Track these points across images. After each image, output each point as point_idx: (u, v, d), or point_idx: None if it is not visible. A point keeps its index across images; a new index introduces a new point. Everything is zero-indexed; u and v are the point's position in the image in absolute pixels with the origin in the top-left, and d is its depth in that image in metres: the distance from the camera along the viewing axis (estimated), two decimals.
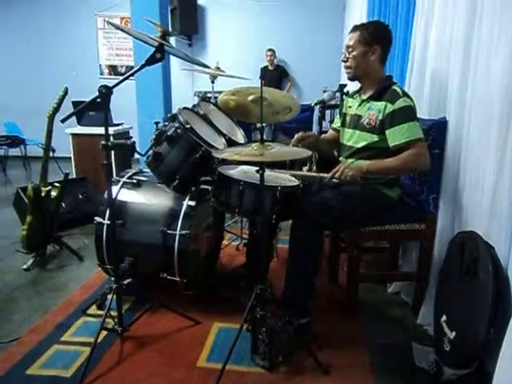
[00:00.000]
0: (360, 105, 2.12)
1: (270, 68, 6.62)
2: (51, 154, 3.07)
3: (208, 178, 2.14)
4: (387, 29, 2.08)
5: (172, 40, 6.54)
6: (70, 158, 4.14)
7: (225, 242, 2.92)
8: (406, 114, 1.92)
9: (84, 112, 4.03)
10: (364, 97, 2.11)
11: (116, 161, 3.74)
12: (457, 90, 1.92)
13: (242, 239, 3.05)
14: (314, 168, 2.29)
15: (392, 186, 2.08)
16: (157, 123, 2.19)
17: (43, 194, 2.78)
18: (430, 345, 1.89)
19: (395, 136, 1.92)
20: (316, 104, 2.58)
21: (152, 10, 4.04)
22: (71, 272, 2.75)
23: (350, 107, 2.21)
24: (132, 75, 1.81)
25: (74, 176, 4.01)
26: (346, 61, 2.07)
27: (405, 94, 1.97)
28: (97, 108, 3.62)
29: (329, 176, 1.89)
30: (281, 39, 6.63)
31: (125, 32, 2.16)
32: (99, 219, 2.18)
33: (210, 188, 2.08)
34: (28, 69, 6.84)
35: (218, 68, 3.28)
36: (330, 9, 6.45)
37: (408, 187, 2.26)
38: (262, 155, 1.61)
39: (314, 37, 6.57)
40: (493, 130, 1.60)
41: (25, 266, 2.73)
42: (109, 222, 2.09)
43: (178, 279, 2.13)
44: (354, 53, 2.02)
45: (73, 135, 4.09)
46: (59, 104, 2.69)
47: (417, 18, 2.43)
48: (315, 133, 2.50)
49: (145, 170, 2.39)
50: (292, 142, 2.18)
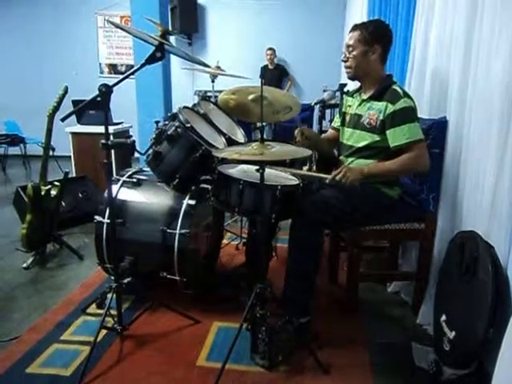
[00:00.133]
0: (360, 104, 2.12)
1: (270, 67, 6.60)
2: (51, 153, 3.08)
3: (208, 177, 2.14)
4: (387, 28, 2.08)
5: (172, 39, 6.53)
6: (70, 157, 4.15)
7: (224, 241, 2.93)
8: (407, 115, 1.92)
9: (84, 111, 4.03)
10: (364, 96, 2.10)
11: (116, 160, 3.73)
12: (457, 89, 1.92)
13: (242, 238, 3.05)
14: (314, 167, 2.29)
15: (392, 186, 2.08)
16: (157, 122, 2.19)
17: (43, 193, 2.78)
18: (430, 344, 1.89)
19: (396, 136, 1.93)
20: (316, 103, 2.57)
21: (152, 9, 4.03)
22: (71, 271, 2.75)
23: (350, 106, 2.21)
24: (132, 74, 1.80)
25: (74, 175, 4.00)
26: (346, 60, 2.07)
27: (405, 95, 1.97)
28: (97, 107, 3.59)
29: (330, 178, 1.89)
30: (281, 38, 6.62)
31: (125, 31, 2.15)
32: (99, 218, 2.18)
33: (210, 187, 2.08)
34: (28, 67, 6.83)
35: (219, 67, 3.28)
36: (331, 8, 6.44)
37: (408, 186, 2.26)
38: (262, 154, 1.61)
39: (315, 36, 6.56)
40: (493, 130, 1.60)
41: (25, 265, 2.73)
42: (109, 221, 2.09)
43: (178, 278, 2.13)
44: (354, 52, 2.02)
45: (73, 134, 4.09)
46: (59, 103, 2.70)
47: (417, 17, 2.43)
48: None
49: (145, 169, 2.39)
50: (296, 132, 2.18)
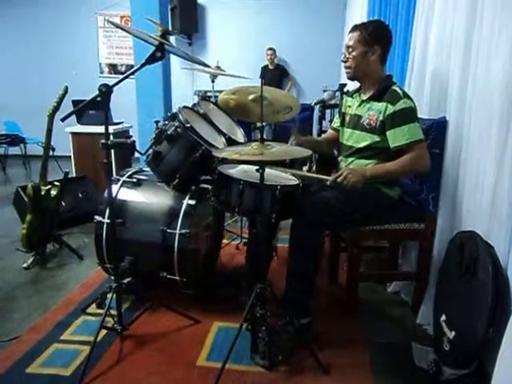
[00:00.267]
0: (360, 105, 2.12)
1: (271, 67, 6.60)
2: (51, 153, 3.07)
3: (208, 177, 2.14)
4: (387, 28, 2.08)
5: (172, 39, 6.53)
6: (70, 157, 4.15)
7: (225, 241, 2.93)
8: (407, 116, 1.92)
9: (84, 111, 4.03)
10: (364, 97, 2.10)
11: (116, 160, 3.74)
12: (457, 89, 1.92)
13: (242, 238, 3.05)
14: (314, 167, 2.29)
15: (392, 186, 2.08)
16: (157, 122, 2.19)
17: (43, 193, 2.78)
18: (430, 344, 1.89)
19: (396, 137, 1.93)
20: (316, 103, 2.58)
21: (152, 9, 4.03)
22: (71, 271, 2.75)
23: (350, 107, 2.21)
24: (132, 74, 1.80)
25: (74, 175, 4.01)
26: (346, 61, 2.07)
27: (405, 95, 1.97)
28: (97, 107, 3.59)
29: (331, 179, 1.88)
30: (281, 38, 6.62)
31: (125, 31, 2.15)
32: (99, 218, 2.18)
33: (210, 187, 2.08)
34: (28, 67, 6.83)
35: (219, 67, 3.28)
36: (331, 8, 6.44)
37: (408, 186, 2.26)
38: (262, 154, 1.61)
39: (315, 36, 6.55)
40: (493, 130, 1.60)
41: (25, 265, 2.73)
42: (109, 221, 2.10)
43: (178, 278, 2.13)
44: (354, 53, 2.02)
45: (73, 134, 4.09)
46: (59, 103, 2.70)
47: (417, 17, 2.43)
48: (315, 135, 2.50)
49: (145, 169, 2.39)
50: (291, 140, 2.18)
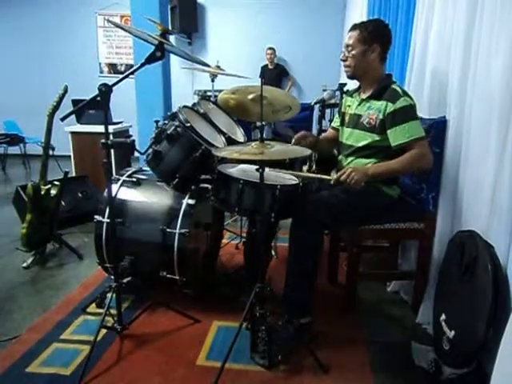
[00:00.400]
0: (359, 104, 2.12)
1: (270, 67, 6.60)
2: (51, 153, 3.07)
3: (208, 177, 2.14)
4: (387, 27, 2.07)
5: (172, 38, 6.53)
6: (70, 157, 4.14)
7: (224, 241, 2.93)
8: (407, 113, 1.92)
9: (84, 110, 4.03)
10: (363, 96, 2.10)
11: (116, 159, 3.74)
12: (457, 88, 1.92)
13: (242, 238, 3.05)
14: (314, 167, 2.29)
15: (391, 185, 2.08)
16: (157, 121, 2.18)
17: (43, 193, 2.77)
18: (429, 344, 1.89)
19: (397, 135, 1.92)
20: (316, 103, 2.57)
21: (152, 9, 4.04)
22: (71, 270, 2.75)
23: (349, 106, 2.21)
24: (132, 73, 1.80)
25: (74, 174, 4.01)
26: (346, 60, 2.07)
27: (405, 93, 1.96)
28: (96, 106, 3.61)
29: (334, 178, 1.87)
30: (281, 38, 6.61)
31: (125, 30, 2.15)
32: (99, 217, 2.18)
33: (210, 186, 2.08)
34: (27, 67, 6.82)
35: (218, 67, 3.28)
36: (331, 7, 6.44)
37: (408, 186, 2.26)
38: (262, 154, 1.61)
39: (314, 35, 6.55)
40: (493, 129, 1.60)
41: (24, 264, 2.73)
42: (108, 221, 2.09)
43: (178, 278, 2.13)
44: (354, 52, 2.02)
45: (72, 133, 4.09)
46: (59, 102, 2.70)
47: (417, 16, 2.43)
48: (314, 133, 2.50)
49: (144, 169, 2.39)
50: (293, 141, 2.18)
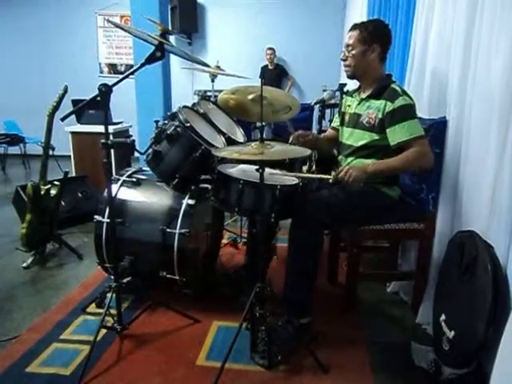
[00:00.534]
0: (359, 103, 2.12)
1: (270, 67, 6.60)
2: (51, 153, 3.07)
3: (208, 177, 2.14)
4: (387, 27, 2.08)
5: (172, 38, 6.53)
6: (70, 157, 4.14)
7: (224, 241, 2.93)
8: (407, 112, 1.92)
9: (84, 110, 4.03)
10: (363, 95, 2.11)
11: (116, 159, 3.74)
12: (457, 89, 1.92)
13: (242, 238, 3.05)
14: (314, 167, 2.29)
15: (392, 186, 2.08)
16: (156, 122, 2.18)
17: (43, 193, 2.77)
18: (429, 344, 1.89)
19: (395, 135, 1.92)
20: (316, 103, 2.57)
21: (152, 9, 4.04)
22: (71, 270, 2.75)
23: (349, 106, 2.21)
24: (132, 74, 1.80)
25: (74, 174, 4.00)
26: (346, 59, 2.07)
27: (404, 93, 1.97)
28: (96, 106, 3.59)
29: (332, 177, 1.87)
30: (281, 38, 6.61)
31: (125, 30, 2.15)
32: (99, 217, 2.18)
33: (210, 187, 2.08)
34: (27, 67, 6.82)
35: (218, 67, 3.28)
36: (330, 7, 6.44)
37: (408, 186, 2.26)
38: (262, 154, 1.61)
39: (314, 36, 6.55)
40: (493, 129, 1.60)
41: (24, 264, 2.73)
42: (108, 221, 2.10)
43: (178, 278, 2.13)
44: (354, 51, 2.02)
45: (72, 133, 4.09)
46: (59, 102, 2.70)
47: (417, 16, 2.43)
48: (315, 132, 2.50)
49: (144, 169, 2.39)
50: (291, 140, 2.18)
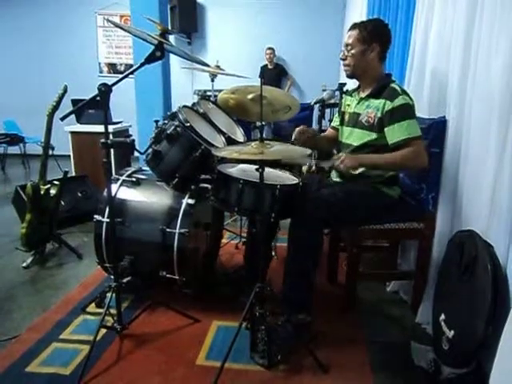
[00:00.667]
0: (358, 103, 2.12)
1: (270, 67, 6.61)
2: (50, 152, 3.07)
3: (207, 177, 2.14)
4: (386, 27, 2.08)
5: (171, 38, 6.53)
6: (70, 156, 4.14)
7: (224, 241, 2.93)
8: (405, 112, 1.92)
9: (83, 110, 4.03)
10: (362, 95, 2.11)
11: (115, 159, 3.74)
12: (457, 88, 1.92)
13: (242, 238, 3.05)
14: (314, 167, 2.29)
15: (392, 185, 2.09)
16: (156, 121, 2.18)
17: (42, 192, 2.77)
18: (429, 343, 1.89)
19: (394, 133, 1.92)
20: (315, 103, 2.57)
21: (152, 8, 4.03)
22: (70, 270, 2.75)
23: (349, 105, 2.21)
24: (132, 73, 1.80)
25: (74, 174, 4.00)
26: (345, 59, 2.07)
27: (404, 92, 1.97)
28: (96, 106, 3.61)
29: (330, 163, 1.92)
30: (280, 38, 6.61)
31: (124, 30, 2.15)
32: (98, 217, 2.17)
33: (210, 186, 2.08)
34: (27, 67, 6.82)
35: (218, 66, 3.28)
36: (330, 7, 6.44)
37: (407, 186, 2.26)
38: (262, 153, 1.61)
39: (314, 35, 6.55)
40: (492, 129, 1.60)
41: (24, 264, 2.73)
42: (108, 220, 2.10)
43: (178, 277, 2.13)
44: (353, 51, 2.02)
45: (72, 133, 4.09)
46: (58, 102, 2.69)
47: (417, 16, 2.43)
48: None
49: (144, 169, 2.39)
50: (294, 135, 2.18)
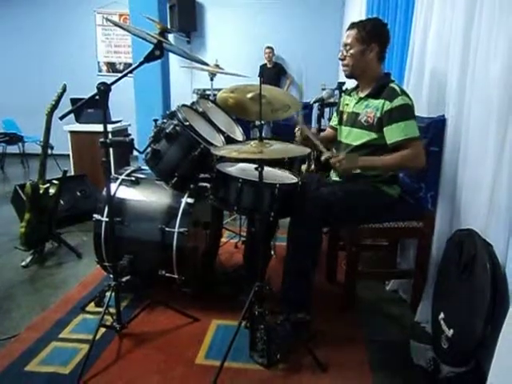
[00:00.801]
0: (357, 102, 2.12)
1: (269, 66, 6.60)
2: (49, 152, 3.07)
3: (207, 176, 2.14)
4: (385, 26, 2.07)
5: (171, 37, 6.52)
6: (69, 156, 4.14)
7: (223, 240, 2.93)
8: (404, 112, 1.92)
9: (82, 109, 4.03)
10: (361, 94, 2.11)
11: (114, 158, 3.74)
12: (456, 88, 1.92)
13: (241, 237, 3.05)
14: (313, 166, 2.29)
15: (392, 184, 2.09)
16: (155, 120, 2.18)
17: (41, 192, 2.77)
18: (428, 342, 1.89)
19: (393, 133, 1.93)
20: (315, 102, 2.57)
21: (151, 7, 4.03)
22: (69, 269, 2.74)
23: (347, 105, 2.21)
24: (131, 72, 1.80)
25: (73, 173, 4.00)
26: (344, 59, 2.07)
27: (403, 92, 1.97)
28: (95, 105, 3.61)
29: (327, 156, 1.92)
30: (279, 37, 6.61)
31: (123, 29, 2.14)
32: (98, 216, 2.17)
33: (209, 185, 2.08)
34: (26, 66, 6.81)
35: (217, 65, 3.28)
36: (329, 6, 6.44)
37: (407, 185, 2.26)
38: (261, 152, 1.61)
39: (313, 34, 6.55)
40: (491, 128, 1.60)
41: (23, 263, 2.73)
42: (107, 220, 2.10)
43: (177, 276, 2.13)
44: (352, 51, 2.02)
45: (71, 132, 4.09)
46: (57, 101, 2.69)
47: (416, 16, 2.43)
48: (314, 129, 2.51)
49: (143, 168, 2.39)
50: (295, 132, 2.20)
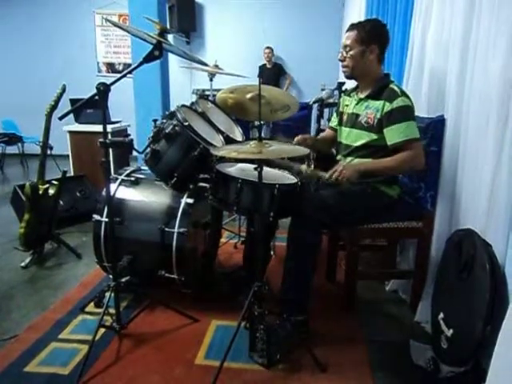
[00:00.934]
0: (357, 103, 2.12)
1: (268, 66, 6.61)
2: (49, 152, 3.07)
3: (206, 176, 2.14)
4: (384, 27, 2.08)
5: (170, 37, 6.52)
6: (68, 156, 4.13)
7: (223, 240, 2.93)
8: (404, 113, 1.92)
9: (82, 110, 4.02)
10: (361, 95, 2.11)
11: (114, 158, 3.74)
12: (455, 88, 1.92)
13: (240, 237, 3.05)
14: (313, 166, 2.29)
15: (391, 185, 2.09)
16: (155, 121, 2.18)
17: (41, 192, 2.77)
18: (428, 342, 1.90)
19: (393, 135, 1.93)
20: (314, 102, 2.57)
21: (150, 8, 4.02)
22: (69, 270, 2.74)
23: (347, 106, 2.21)
24: (130, 72, 1.80)
25: (72, 174, 4.00)
26: (344, 60, 2.07)
27: (403, 94, 1.97)
28: (95, 105, 3.61)
29: (327, 176, 1.89)
30: (279, 37, 6.62)
31: (123, 29, 2.14)
32: (97, 217, 2.17)
33: (208, 186, 2.08)
34: (25, 66, 6.81)
35: (217, 66, 3.28)
36: (329, 6, 6.45)
37: (406, 185, 2.26)
38: (260, 153, 1.61)
39: (313, 35, 6.55)
40: (490, 128, 1.61)
41: (23, 264, 2.73)
42: (107, 220, 2.10)
43: (176, 277, 2.13)
44: (352, 52, 2.02)
45: (70, 133, 4.08)
46: (57, 101, 2.69)
47: (415, 16, 2.43)
48: (313, 134, 2.51)
49: (143, 168, 2.39)
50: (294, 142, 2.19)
